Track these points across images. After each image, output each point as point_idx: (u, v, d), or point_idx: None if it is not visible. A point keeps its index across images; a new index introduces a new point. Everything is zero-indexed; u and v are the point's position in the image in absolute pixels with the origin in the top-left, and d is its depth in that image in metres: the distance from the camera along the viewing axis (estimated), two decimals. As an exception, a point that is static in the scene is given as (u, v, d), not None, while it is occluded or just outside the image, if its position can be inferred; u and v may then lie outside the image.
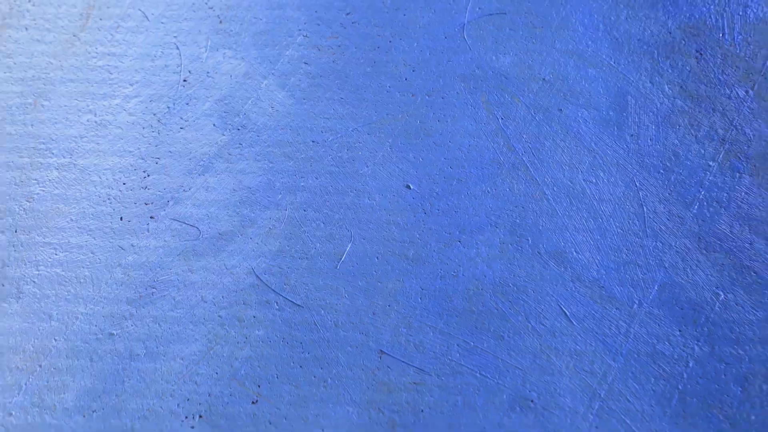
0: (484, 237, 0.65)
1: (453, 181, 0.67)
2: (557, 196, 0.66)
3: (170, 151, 0.69)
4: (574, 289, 0.63)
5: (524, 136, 0.69)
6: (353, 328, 0.62)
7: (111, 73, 0.73)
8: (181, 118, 0.70)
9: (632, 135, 0.69)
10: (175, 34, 0.74)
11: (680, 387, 0.59)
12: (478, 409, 0.58)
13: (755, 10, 0.74)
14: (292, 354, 0.61)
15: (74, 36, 0.74)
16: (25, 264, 0.64)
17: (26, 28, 0.75)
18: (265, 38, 0.74)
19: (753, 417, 0.58)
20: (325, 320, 0.62)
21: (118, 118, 0.70)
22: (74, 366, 0.61)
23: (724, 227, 0.65)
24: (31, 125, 0.70)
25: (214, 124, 0.70)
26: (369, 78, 0.72)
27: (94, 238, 0.65)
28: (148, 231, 0.65)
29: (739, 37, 0.73)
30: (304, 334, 0.61)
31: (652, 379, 0.59)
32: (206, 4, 0.76)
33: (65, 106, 0.71)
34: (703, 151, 0.68)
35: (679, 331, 0.61)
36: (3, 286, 0.63)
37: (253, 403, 0.59)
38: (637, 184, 0.67)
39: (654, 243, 0.64)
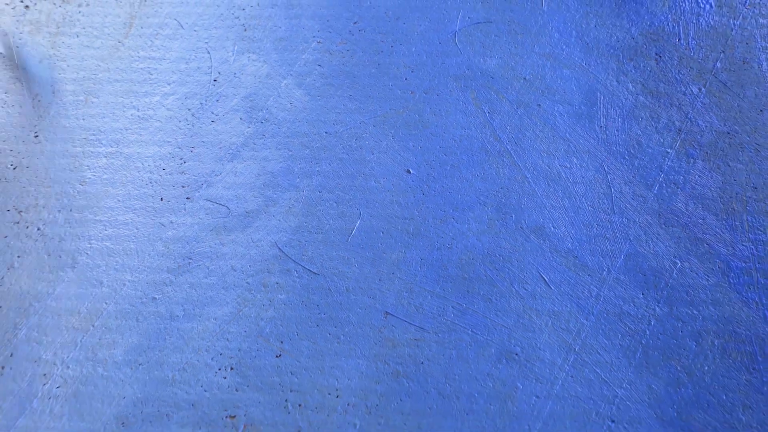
0: (474, 214, 0.64)
1: (447, 166, 0.67)
2: (537, 179, 0.66)
3: (203, 141, 0.68)
4: (551, 258, 0.62)
5: (508, 128, 0.68)
6: (362, 293, 0.61)
7: (151, 74, 0.72)
8: (212, 113, 0.70)
9: (601, 126, 0.68)
10: (206, 41, 0.74)
11: (643, 342, 0.59)
12: (470, 361, 0.58)
13: (707, 19, 0.73)
14: (309, 315, 0.60)
15: (119, 42, 0.74)
16: (79, 239, 0.64)
17: (77, 35, 0.74)
18: (284, 44, 0.73)
19: (706, 367, 0.58)
20: (338, 286, 0.62)
21: (157, 113, 0.70)
22: (122, 326, 0.60)
23: (680, 205, 0.64)
24: (83, 119, 0.70)
25: (240, 118, 0.70)
26: (374, 78, 0.71)
27: (138, 216, 0.65)
28: (185, 210, 0.65)
29: (693, 42, 0.72)
30: (320, 297, 0.61)
31: (619, 336, 0.59)
32: (233, 14, 0.75)
33: (112, 102, 0.71)
34: (662, 140, 0.68)
35: (642, 294, 0.61)
36: (60, 257, 0.63)
37: (277, 356, 0.59)
38: (606, 169, 0.66)
39: (620, 219, 0.64)
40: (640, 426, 0.56)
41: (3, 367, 0.59)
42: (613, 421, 0.56)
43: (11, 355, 0.59)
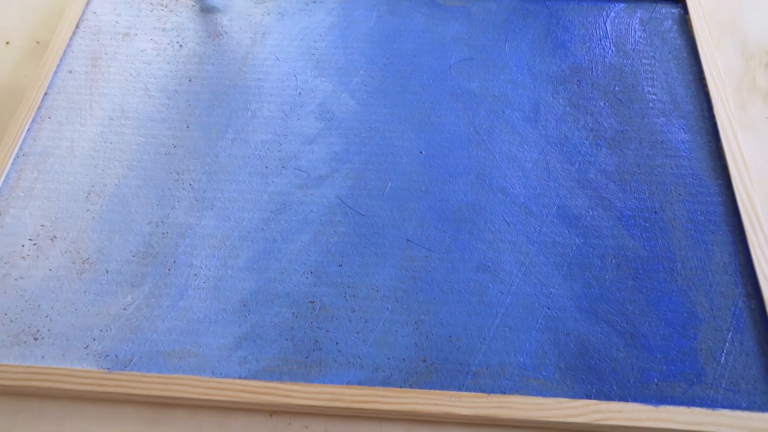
0: (462, 179, 0.63)
1: (445, 149, 0.65)
2: (502, 158, 0.64)
3: (292, 132, 0.67)
4: (511, 208, 0.61)
5: (484, 126, 0.67)
6: (392, 227, 0.60)
7: (259, 89, 0.70)
8: (298, 114, 0.68)
9: (542, 126, 0.67)
10: (293, 69, 0.72)
11: (568, 260, 0.58)
12: (459, 270, 0.57)
13: (609, 59, 0.71)
14: (359, 240, 0.60)
15: (239, 69, 0.72)
16: (215, 191, 0.63)
17: (212, 64, 0.72)
18: (343, 71, 0.71)
19: (607, 276, 0.57)
20: (377, 222, 0.61)
21: (264, 114, 0.68)
22: (243, 245, 0.60)
23: (592, 176, 0.63)
24: (217, 117, 0.68)
25: (315, 117, 0.68)
26: (399, 94, 0.70)
27: (251, 177, 0.64)
28: (281, 174, 0.64)
29: (601, 73, 0.70)
30: (366, 230, 0.60)
31: (553, 256, 0.58)
32: (310, 53, 0.73)
33: (235, 107, 0.69)
34: (581, 135, 0.66)
35: (567, 231, 0.60)
36: (204, 202, 0.62)
37: (339, 266, 0.58)
38: (545, 153, 0.65)
39: (554, 184, 0.63)
40: (565, 311, 0.55)
41: (169, 270, 0.58)
42: (548, 309, 0.55)
43: (174, 262, 0.59)
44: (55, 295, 0.57)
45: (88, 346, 0.54)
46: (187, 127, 0.67)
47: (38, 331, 0.55)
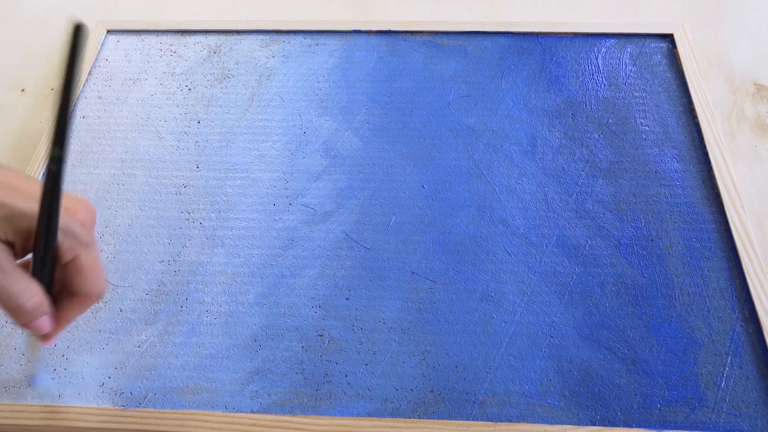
0: (464, 212, 0.65)
1: (446, 183, 0.68)
2: (501, 191, 0.67)
3: (298, 170, 0.69)
4: (512, 239, 0.63)
5: (483, 160, 0.69)
6: (397, 260, 0.62)
7: (266, 129, 0.73)
8: (303, 152, 0.71)
9: (539, 158, 0.69)
10: (298, 108, 0.75)
11: (569, 289, 0.60)
12: (463, 301, 0.59)
13: (603, 92, 0.74)
14: (365, 273, 0.61)
15: (246, 110, 0.75)
16: (225, 228, 0.65)
17: (220, 106, 0.75)
18: (346, 110, 0.74)
19: (607, 304, 0.58)
20: (382, 256, 0.62)
21: (270, 153, 0.71)
22: (253, 281, 0.61)
23: (589, 206, 0.65)
24: (225, 157, 0.71)
25: (320, 155, 0.71)
26: (400, 130, 0.72)
27: (260, 215, 0.66)
28: (288, 211, 0.66)
29: (594, 106, 0.73)
30: (371, 263, 0.62)
31: (554, 285, 0.60)
32: (314, 93, 0.76)
33: (243, 146, 0.72)
34: (577, 167, 0.68)
35: (567, 260, 0.61)
36: (214, 240, 0.64)
37: (346, 299, 0.60)
38: (543, 184, 0.67)
39: (553, 215, 0.65)
40: (568, 339, 0.57)
41: (182, 307, 0.60)
42: (551, 337, 0.57)
43: (186, 299, 0.60)
44: (71, 334, 0.59)
45: (103, 384, 0.56)
46: (197, 167, 0.70)
47: (55, 370, 0.57)
